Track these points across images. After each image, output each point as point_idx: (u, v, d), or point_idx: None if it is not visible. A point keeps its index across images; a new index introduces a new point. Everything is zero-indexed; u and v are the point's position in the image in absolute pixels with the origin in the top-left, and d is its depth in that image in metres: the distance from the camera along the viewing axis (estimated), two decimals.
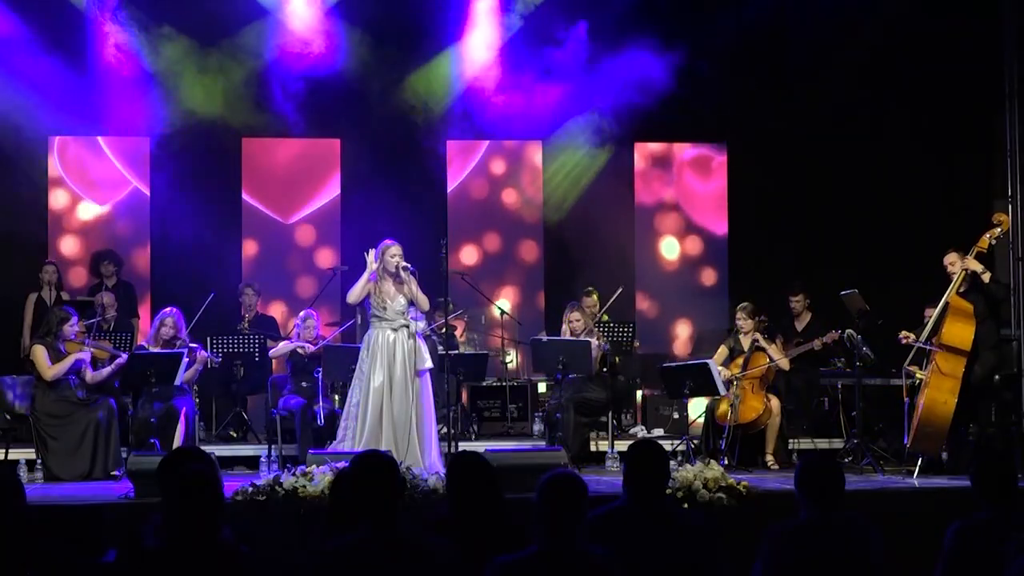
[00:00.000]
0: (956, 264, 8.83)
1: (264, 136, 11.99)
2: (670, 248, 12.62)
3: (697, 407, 9.85)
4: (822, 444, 9.93)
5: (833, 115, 11.94)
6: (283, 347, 9.94)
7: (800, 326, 10.47)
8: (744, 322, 9.69)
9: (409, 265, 8.49)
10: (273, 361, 10.56)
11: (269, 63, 11.62)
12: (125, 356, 9.25)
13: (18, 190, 11.55)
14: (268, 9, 11.62)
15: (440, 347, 9.64)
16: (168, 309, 9.57)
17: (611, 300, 10.68)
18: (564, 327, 9.80)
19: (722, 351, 9.85)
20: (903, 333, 9.14)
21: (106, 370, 9.18)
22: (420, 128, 11.86)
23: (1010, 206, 10.45)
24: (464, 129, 12.12)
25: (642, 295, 12.50)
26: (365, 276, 8.49)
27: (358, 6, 11.77)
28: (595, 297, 10.82)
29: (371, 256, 8.50)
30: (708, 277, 12.61)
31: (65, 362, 8.90)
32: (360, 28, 11.66)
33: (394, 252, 8.51)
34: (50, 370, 8.86)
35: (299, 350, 9.74)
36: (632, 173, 12.55)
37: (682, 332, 12.50)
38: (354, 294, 8.61)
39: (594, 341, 9.54)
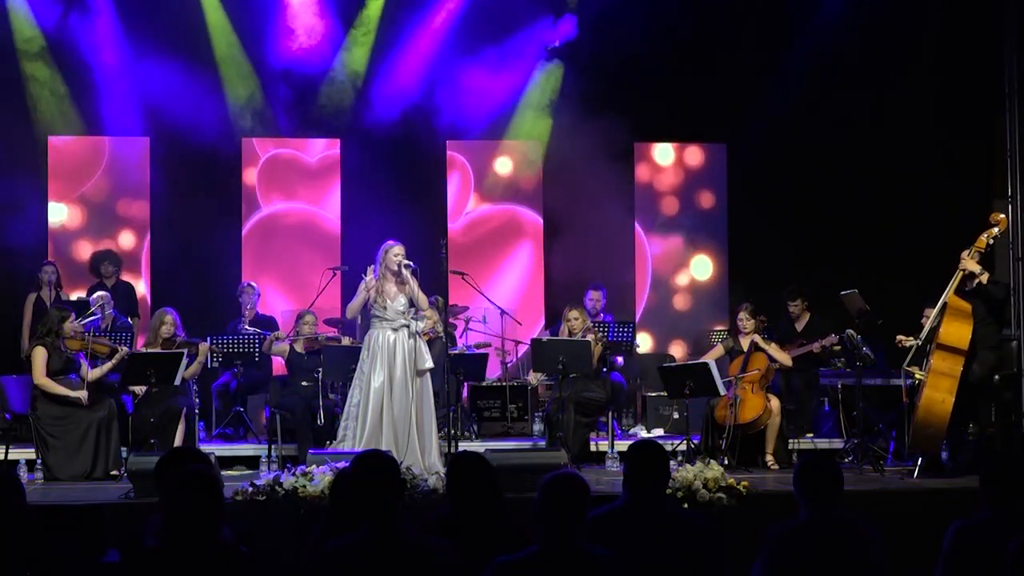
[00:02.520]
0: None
1: (264, 136, 11.99)
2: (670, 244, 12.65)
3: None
4: (822, 444, 9.93)
5: (833, 115, 11.94)
6: (277, 346, 9.94)
7: (800, 326, 10.46)
8: (746, 322, 9.68)
9: (411, 263, 8.51)
10: (273, 361, 10.56)
11: (270, 63, 11.62)
12: (126, 348, 9.25)
13: (17, 190, 11.54)
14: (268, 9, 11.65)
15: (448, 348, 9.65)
16: (166, 308, 9.58)
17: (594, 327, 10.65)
18: (563, 326, 9.80)
19: (718, 350, 9.85)
20: (899, 337, 9.14)
21: (107, 365, 9.17)
22: (420, 128, 11.86)
23: (1010, 206, 10.45)
24: (464, 129, 12.13)
25: (641, 294, 12.51)
26: (363, 293, 8.50)
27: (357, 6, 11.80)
28: (598, 293, 10.82)
29: (370, 274, 8.51)
30: (708, 276, 12.62)
31: (60, 388, 8.84)
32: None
33: (396, 252, 8.54)
34: (43, 378, 8.83)
35: (277, 337, 9.74)
36: (632, 173, 12.54)
37: (678, 350, 12.52)
38: (352, 309, 8.73)
39: (591, 337, 9.60)
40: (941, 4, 11.71)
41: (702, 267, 12.63)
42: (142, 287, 11.73)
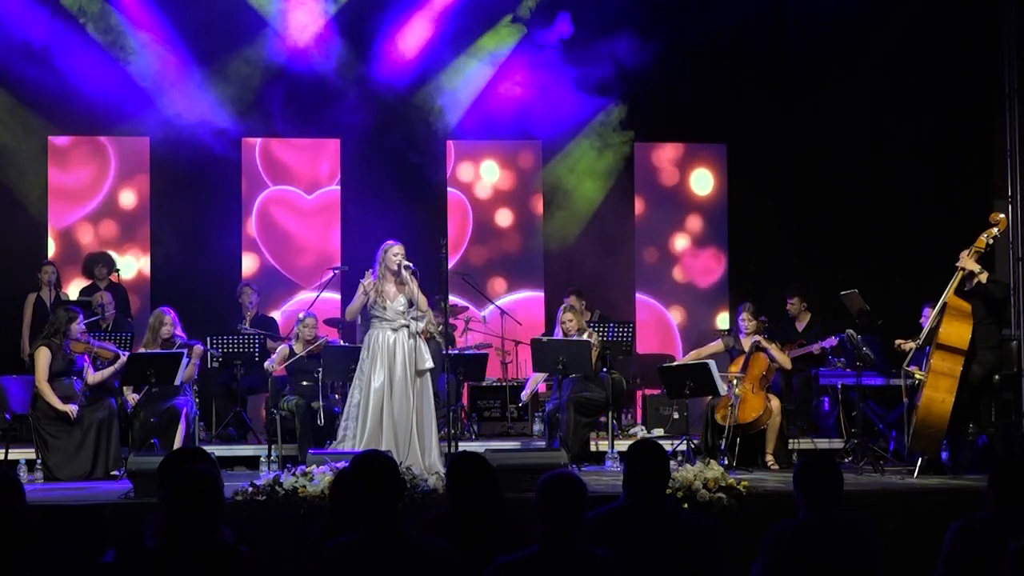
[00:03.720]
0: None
1: (264, 136, 11.99)
2: (671, 246, 12.65)
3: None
4: (822, 444, 9.93)
5: (833, 115, 11.94)
6: (279, 356, 9.93)
7: (800, 326, 10.47)
8: (748, 322, 9.67)
9: (411, 264, 8.51)
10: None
11: (269, 63, 11.61)
12: (126, 354, 9.26)
13: (18, 190, 11.54)
14: (268, 10, 11.63)
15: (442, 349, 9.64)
16: (164, 308, 9.56)
17: (588, 319, 10.56)
18: (557, 328, 9.81)
19: (718, 345, 9.84)
20: (898, 341, 9.14)
21: (108, 370, 9.16)
22: (420, 128, 11.85)
23: (1010, 206, 10.45)
24: (464, 129, 12.13)
25: (642, 295, 12.51)
26: (361, 296, 8.51)
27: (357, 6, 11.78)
28: (574, 298, 10.81)
29: (368, 277, 8.50)
30: (708, 277, 12.62)
31: (55, 398, 8.79)
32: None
33: (396, 251, 8.54)
34: (43, 383, 8.80)
35: (281, 365, 9.74)
36: (632, 173, 12.54)
37: (678, 314, 12.51)
38: (351, 312, 8.75)
39: (591, 340, 9.60)
40: (941, 4, 11.70)
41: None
42: (143, 264, 11.78)
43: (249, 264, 12.01)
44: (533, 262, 12.44)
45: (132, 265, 11.73)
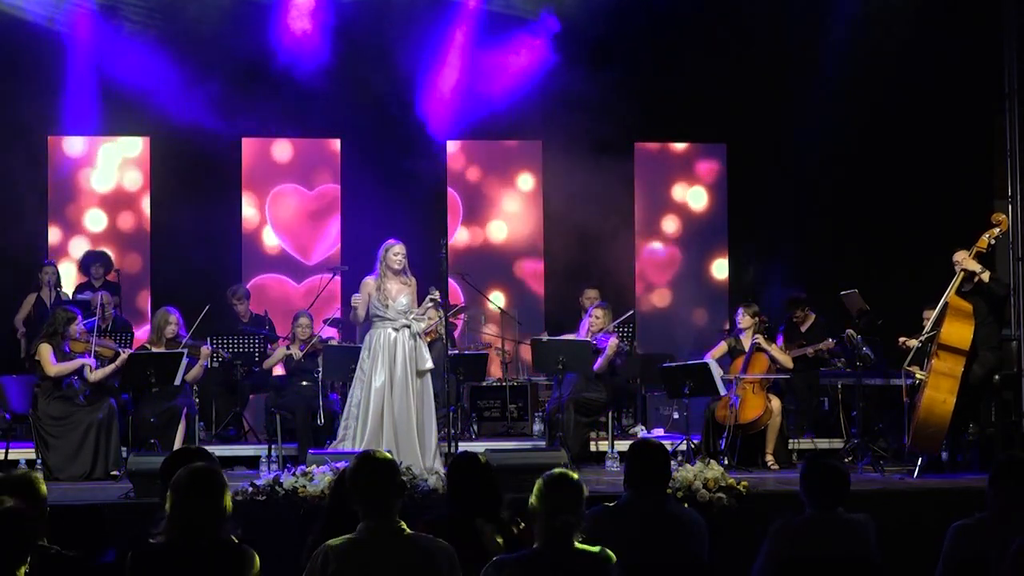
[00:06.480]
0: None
1: (264, 136, 11.99)
2: (671, 246, 12.65)
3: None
4: (822, 444, 9.93)
5: (833, 115, 11.92)
6: (275, 356, 9.93)
7: (804, 328, 10.45)
8: (745, 319, 9.66)
9: (438, 297, 8.50)
10: None
11: (268, 63, 11.60)
12: (129, 350, 9.26)
13: (18, 190, 11.53)
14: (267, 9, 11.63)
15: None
16: (169, 308, 9.54)
17: (621, 319, 10.51)
18: (586, 319, 9.83)
19: (721, 348, 9.84)
20: (901, 339, 9.14)
21: (109, 368, 9.16)
22: (420, 128, 11.85)
23: (1010, 206, 10.44)
24: (464, 129, 12.12)
25: (643, 294, 12.51)
26: (360, 308, 8.53)
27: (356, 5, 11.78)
28: (597, 292, 10.86)
29: (362, 296, 8.49)
30: (710, 277, 12.63)
31: (71, 364, 8.88)
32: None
33: (397, 251, 8.53)
34: (54, 367, 8.84)
35: (294, 355, 9.75)
36: (632, 173, 12.54)
37: (686, 337, 12.50)
38: (357, 319, 8.72)
39: (613, 339, 9.58)
40: (942, 4, 11.70)
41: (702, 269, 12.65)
42: (143, 264, 11.79)
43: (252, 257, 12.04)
44: (534, 263, 12.46)
45: (130, 265, 11.74)
